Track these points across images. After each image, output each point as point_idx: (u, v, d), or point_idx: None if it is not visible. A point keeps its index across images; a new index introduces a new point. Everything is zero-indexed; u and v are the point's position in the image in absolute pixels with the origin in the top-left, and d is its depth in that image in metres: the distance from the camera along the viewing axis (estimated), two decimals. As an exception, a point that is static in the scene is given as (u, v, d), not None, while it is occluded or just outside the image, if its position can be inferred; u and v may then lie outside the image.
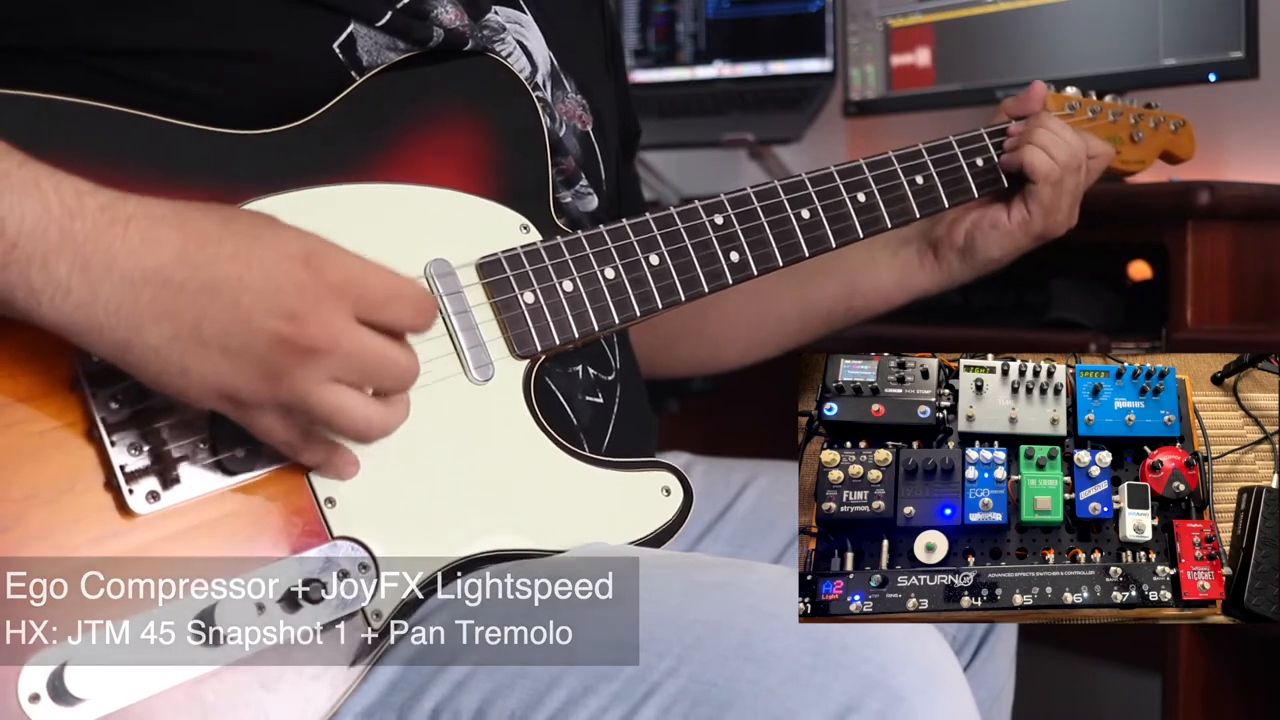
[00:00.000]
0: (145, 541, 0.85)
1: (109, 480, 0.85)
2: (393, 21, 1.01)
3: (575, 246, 1.02)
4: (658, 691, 0.85)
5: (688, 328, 1.36)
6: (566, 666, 0.88)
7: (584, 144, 1.16)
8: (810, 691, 0.82)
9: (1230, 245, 1.58)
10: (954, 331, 1.72)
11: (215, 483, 0.88)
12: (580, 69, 1.18)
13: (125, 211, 0.79)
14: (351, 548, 0.91)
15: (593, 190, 1.16)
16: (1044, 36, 1.94)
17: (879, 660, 0.83)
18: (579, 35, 1.22)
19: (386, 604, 0.91)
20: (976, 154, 1.24)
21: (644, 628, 0.88)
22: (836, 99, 2.29)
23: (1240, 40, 1.75)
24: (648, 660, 0.86)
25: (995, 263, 1.29)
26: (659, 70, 2.53)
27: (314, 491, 0.90)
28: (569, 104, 1.16)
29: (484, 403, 0.98)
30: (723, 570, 0.94)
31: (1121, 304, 1.66)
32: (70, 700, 0.81)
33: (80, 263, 0.77)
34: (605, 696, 0.86)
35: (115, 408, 0.85)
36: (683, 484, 1.02)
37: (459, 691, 0.90)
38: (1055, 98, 1.32)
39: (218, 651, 0.85)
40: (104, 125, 0.90)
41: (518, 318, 0.99)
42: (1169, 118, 1.40)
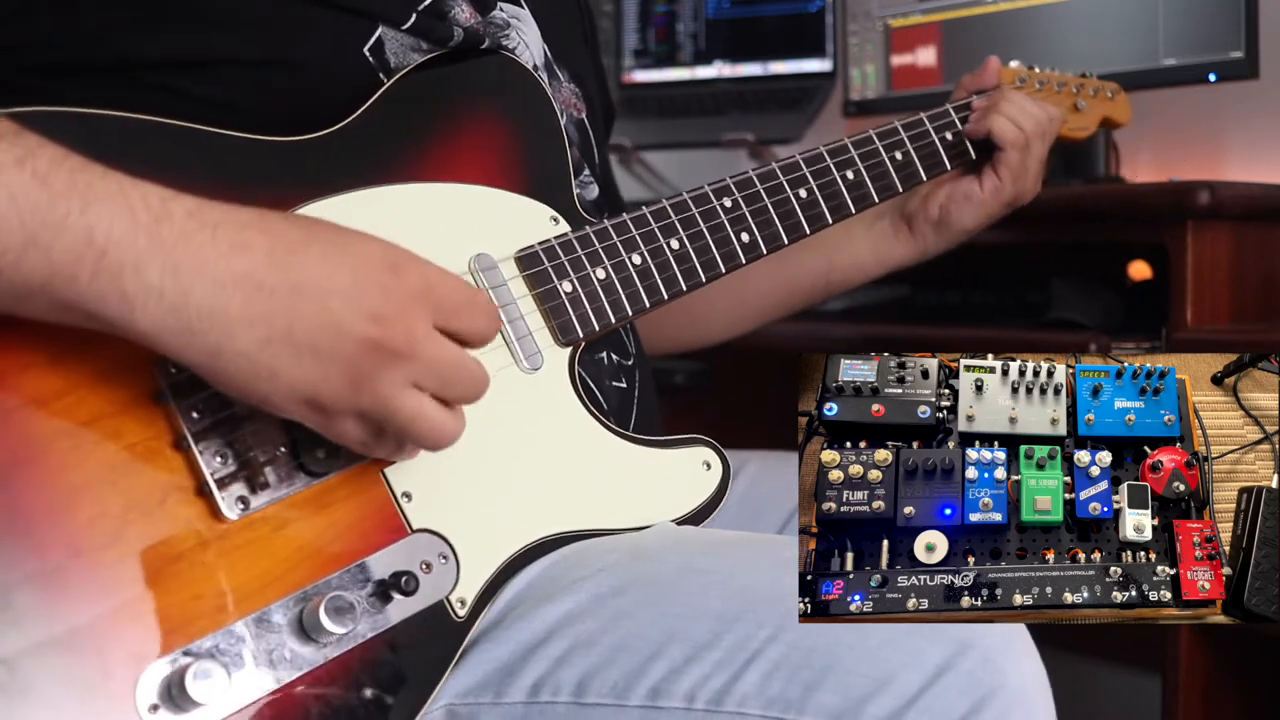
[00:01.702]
0: (238, 545, 0.86)
1: (200, 489, 0.86)
2: (417, 23, 1.04)
3: (604, 235, 1.06)
4: (760, 657, 0.89)
5: (672, 306, 1.37)
6: (666, 640, 0.91)
7: (580, 131, 1.19)
8: (906, 654, 0.88)
9: (1230, 245, 1.58)
10: (954, 331, 1.72)
11: (298, 484, 0.89)
12: (571, 58, 1.21)
13: (212, 217, 0.80)
14: (431, 539, 0.93)
15: (593, 179, 1.19)
16: (1044, 36, 1.94)
17: (970, 626, 0.89)
18: (566, 22, 1.24)
19: (469, 591, 0.94)
20: (945, 129, 1.31)
21: (739, 598, 0.92)
22: (836, 99, 2.29)
23: (1240, 40, 1.75)
24: (747, 629, 0.90)
25: (968, 233, 1.35)
26: (659, 70, 2.53)
27: (391, 487, 0.92)
28: (564, 93, 1.19)
29: (536, 391, 1.01)
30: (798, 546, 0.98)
31: (1121, 304, 1.66)
32: (188, 706, 0.82)
33: (171, 267, 0.78)
34: (708, 665, 0.90)
35: (198, 417, 0.86)
36: (720, 457, 1.07)
37: (558, 667, 0.93)
38: (1005, 71, 1.39)
39: (320, 650, 0.87)
40: (156, 137, 0.91)
41: (559, 307, 1.02)
42: (1105, 86, 1.49)
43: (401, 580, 0.90)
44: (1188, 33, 1.80)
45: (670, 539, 1.01)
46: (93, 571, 0.81)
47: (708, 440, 1.07)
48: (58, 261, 0.76)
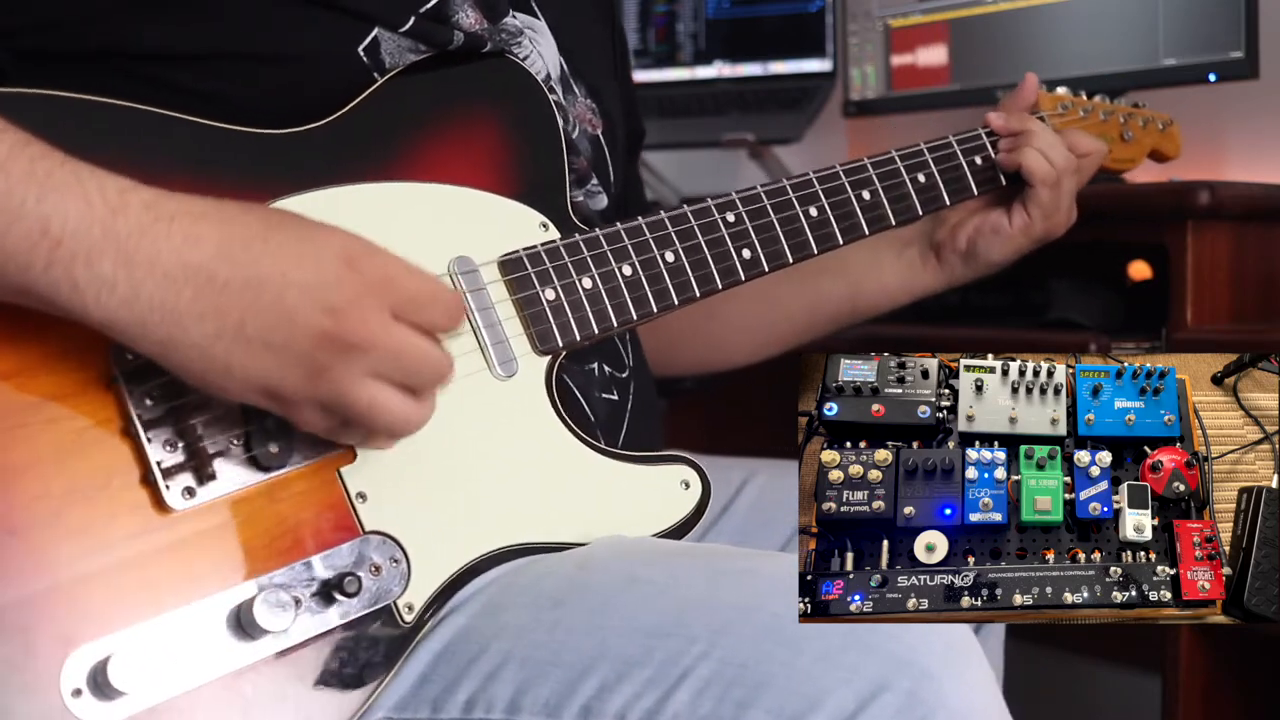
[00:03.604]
0: (181, 537, 0.86)
1: (145, 476, 0.86)
2: (415, 26, 1.03)
3: (594, 244, 1.04)
4: (691, 675, 0.86)
5: (695, 327, 1.38)
6: (598, 655, 0.89)
7: (595, 147, 1.18)
8: (842, 670, 0.84)
9: (1230, 245, 1.58)
10: (954, 331, 1.72)
11: (249, 478, 0.89)
12: (590, 73, 1.19)
13: (168, 209, 0.80)
14: (383, 542, 0.92)
15: (602, 190, 1.17)
16: (1043, 37, 1.94)
17: (908, 640, 0.85)
18: (589, 40, 1.23)
19: (418, 597, 0.93)
20: (975, 153, 1.26)
21: (674, 613, 0.89)
22: (836, 99, 2.29)
23: (1240, 40, 1.75)
24: (679, 645, 0.87)
25: (996, 265, 1.31)
26: (659, 70, 2.53)
27: (345, 487, 0.92)
28: (579, 108, 1.17)
29: (508, 398, 0.99)
30: (744, 558, 0.97)
31: (1121, 304, 1.66)
32: (112, 694, 0.81)
33: (124, 259, 0.78)
34: (639, 683, 0.87)
35: (150, 404, 0.86)
36: (701, 477, 1.05)
37: (491, 682, 0.91)
38: (1048, 97, 1.33)
39: (254, 646, 0.86)
40: (134, 124, 0.91)
41: (540, 314, 1.01)
42: (1156, 117, 1.42)
43: (344, 581, 0.88)
44: (1188, 33, 1.80)
45: (620, 549, 0.98)
46: (27, 551, 0.81)
47: (689, 459, 1.05)
48: (12, 249, 0.77)
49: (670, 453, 1.05)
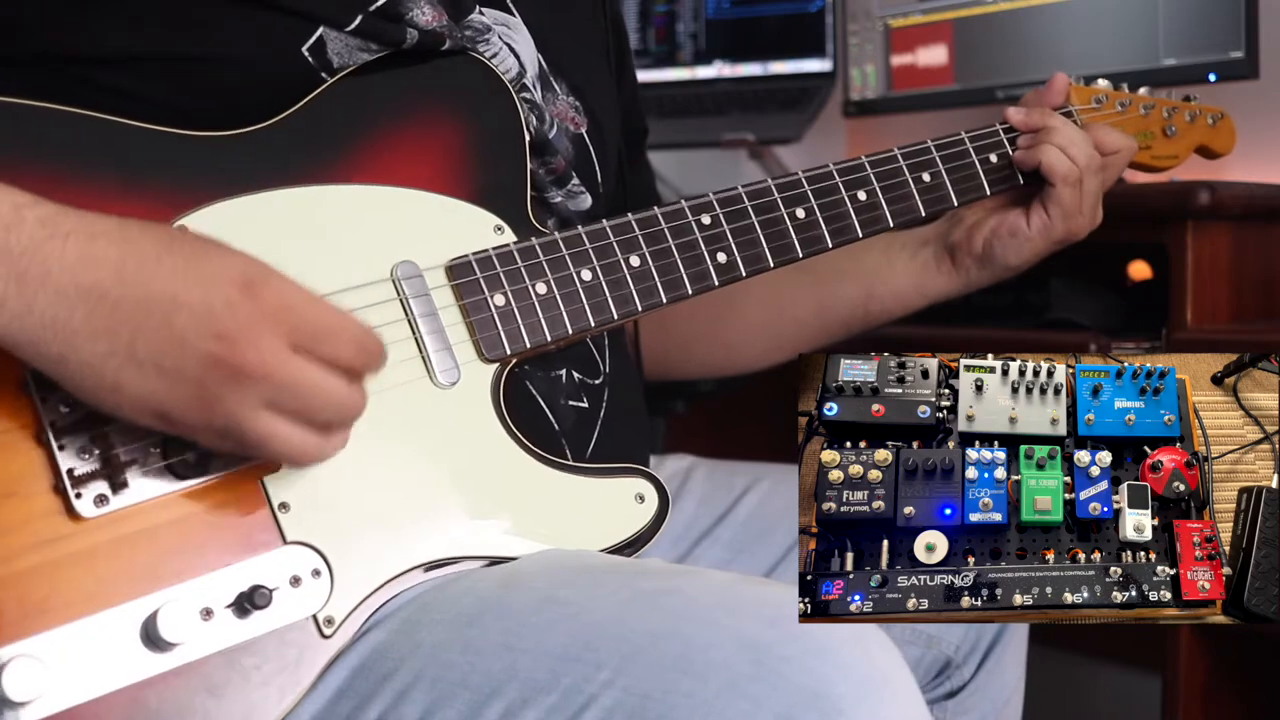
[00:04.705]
0: (92, 545, 0.84)
1: (56, 484, 0.84)
2: (363, 25, 1.00)
3: (550, 248, 1.00)
4: (594, 705, 0.83)
5: (705, 331, 1.36)
6: (506, 678, 0.86)
7: (577, 145, 1.15)
8: (746, 702, 0.80)
9: (1230, 245, 1.58)
10: (954, 331, 1.72)
11: (165, 487, 0.86)
12: (573, 71, 1.16)
13: (65, 226, 0.79)
14: (304, 553, 0.89)
15: (586, 190, 1.14)
16: (1043, 37, 1.94)
17: (821, 670, 0.80)
18: (574, 36, 1.20)
19: (340, 610, 0.90)
20: (990, 150, 1.21)
21: (584, 637, 0.86)
22: (836, 99, 2.29)
23: (1240, 40, 1.75)
24: (585, 671, 0.84)
25: (1014, 269, 1.26)
26: (659, 70, 2.53)
27: (268, 496, 0.89)
28: (560, 105, 1.14)
29: (448, 407, 0.96)
30: (668, 578, 0.92)
31: (1121, 304, 1.66)
32: (11, 705, 0.80)
33: (15, 275, 0.77)
34: (542, 709, 0.84)
35: (65, 411, 0.84)
36: (659, 491, 1.01)
37: (401, 701, 0.88)
38: (1080, 90, 1.28)
39: (163, 657, 0.84)
40: (58, 126, 0.89)
41: (486, 320, 0.98)
42: (1206, 110, 1.34)
43: (256, 594, 0.86)
44: (1188, 33, 1.80)
45: (548, 565, 0.94)
46: None
47: (646, 471, 1.01)
48: None
49: (629, 465, 1.02)
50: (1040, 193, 1.21)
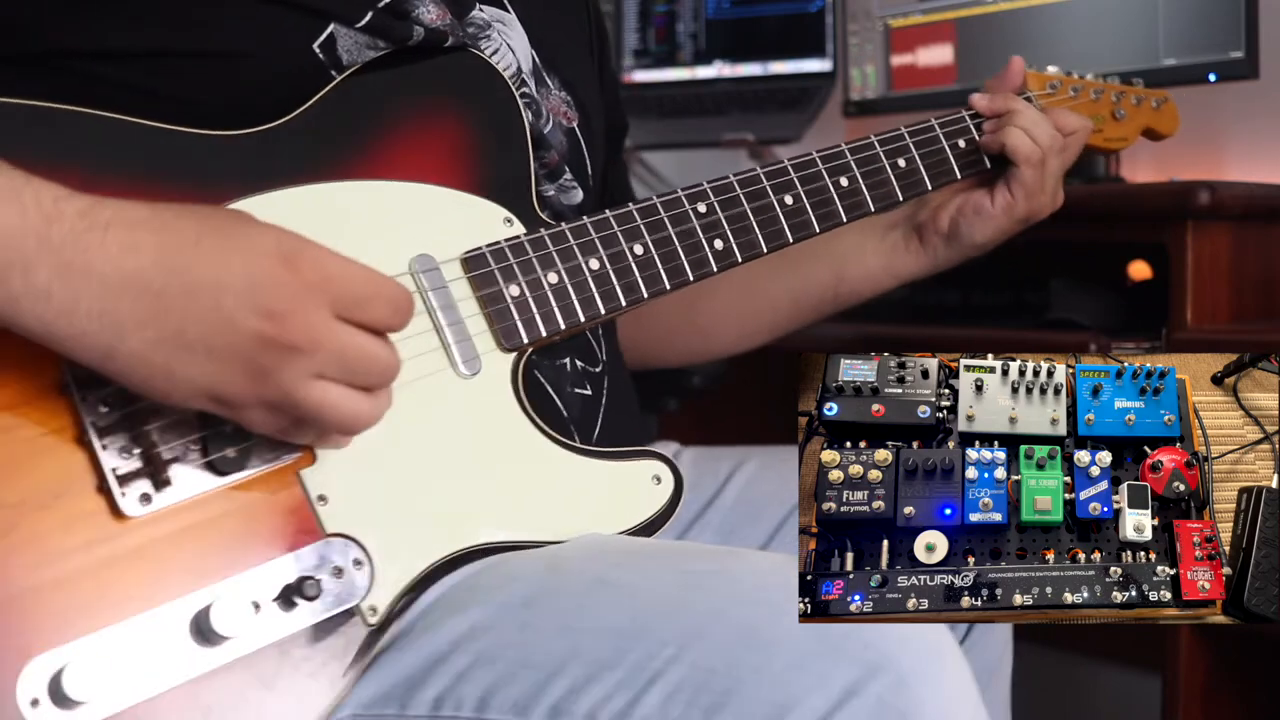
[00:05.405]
0: (139, 544, 0.85)
1: (100, 484, 0.85)
2: (373, 22, 1.01)
3: (559, 238, 1.03)
4: (661, 679, 0.86)
5: (681, 319, 1.37)
6: (569, 656, 0.88)
7: (570, 139, 1.17)
8: (812, 676, 0.83)
9: (1230, 245, 1.58)
10: (954, 331, 1.72)
11: (207, 483, 0.87)
12: (564, 66, 1.18)
13: (103, 217, 0.79)
14: (345, 544, 0.91)
15: (577, 184, 1.16)
16: (1043, 37, 1.94)
17: (880, 645, 0.84)
18: (563, 32, 1.22)
19: (382, 598, 0.92)
20: (958, 135, 1.26)
21: (644, 616, 0.88)
22: (836, 99, 2.29)
23: (1240, 40, 1.75)
24: (649, 648, 0.86)
25: (980, 247, 1.30)
26: (659, 70, 2.53)
27: (306, 489, 0.90)
28: (553, 100, 1.16)
29: (472, 396, 0.98)
30: (716, 559, 0.95)
31: (1121, 304, 1.66)
32: (70, 704, 0.81)
33: (59, 269, 0.77)
34: (609, 684, 0.87)
35: (105, 411, 0.85)
36: (673, 472, 1.04)
37: (460, 681, 0.90)
38: (1036, 76, 1.33)
39: (215, 652, 0.85)
40: (82, 129, 0.90)
41: (504, 311, 1.00)
42: (1150, 95, 1.41)
43: (304, 585, 0.87)
44: (1188, 33, 1.80)
45: (591, 549, 0.97)
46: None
47: (660, 454, 1.04)
48: None
49: (642, 448, 1.04)
50: (1005, 173, 1.26)
